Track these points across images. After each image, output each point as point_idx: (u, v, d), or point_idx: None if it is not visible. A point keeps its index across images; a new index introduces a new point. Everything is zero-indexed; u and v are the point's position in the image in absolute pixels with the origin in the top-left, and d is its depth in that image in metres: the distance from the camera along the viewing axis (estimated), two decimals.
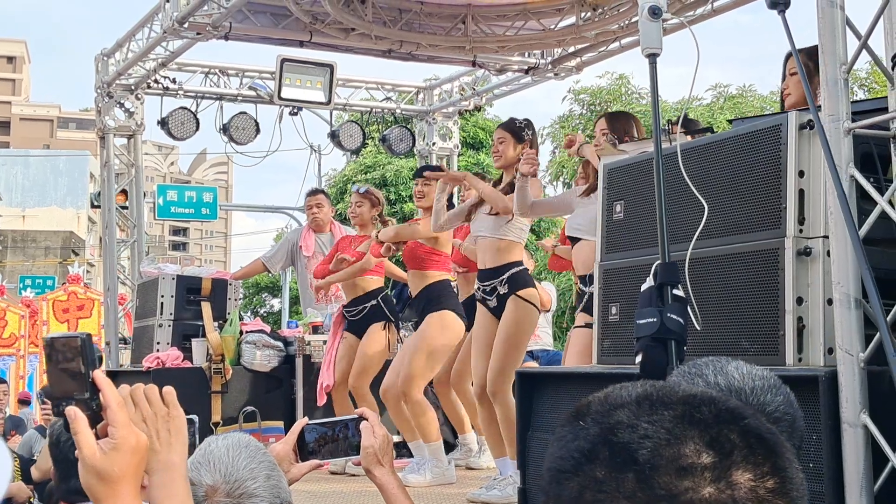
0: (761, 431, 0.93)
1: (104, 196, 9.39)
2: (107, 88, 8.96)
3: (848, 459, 2.80)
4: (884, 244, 3.07)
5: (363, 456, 2.34)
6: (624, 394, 0.96)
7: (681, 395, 0.95)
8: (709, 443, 0.89)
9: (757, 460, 0.90)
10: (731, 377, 1.79)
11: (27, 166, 44.95)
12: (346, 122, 10.07)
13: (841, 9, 2.97)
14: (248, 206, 36.67)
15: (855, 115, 3.03)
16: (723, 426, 0.91)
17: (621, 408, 0.94)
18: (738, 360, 1.85)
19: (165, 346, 7.45)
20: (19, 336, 15.63)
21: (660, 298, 2.62)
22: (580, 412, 0.97)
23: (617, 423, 0.92)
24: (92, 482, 1.43)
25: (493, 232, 5.41)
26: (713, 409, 0.93)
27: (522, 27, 7.80)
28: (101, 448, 1.43)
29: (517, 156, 5.44)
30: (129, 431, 1.45)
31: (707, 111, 21.89)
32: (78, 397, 1.48)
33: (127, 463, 1.43)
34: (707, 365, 1.84)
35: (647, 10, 2.85)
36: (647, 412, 0.92)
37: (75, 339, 1.51)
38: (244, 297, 30.55)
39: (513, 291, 5.32)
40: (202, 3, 7.09)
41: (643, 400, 0.94)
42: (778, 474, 0.91)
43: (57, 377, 1.50)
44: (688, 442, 0.89)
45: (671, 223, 3.30)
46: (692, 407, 0.93)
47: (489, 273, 5.41)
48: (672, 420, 0.91)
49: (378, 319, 6.58)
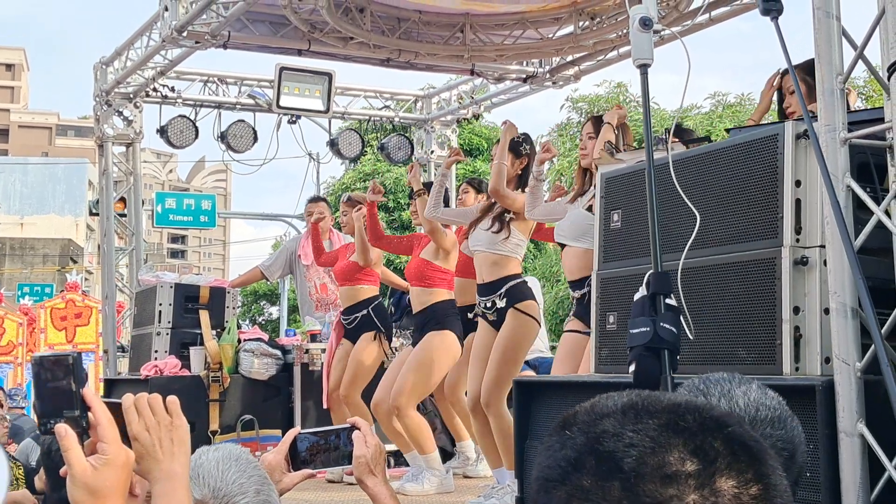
0: (745, 439, 0.94)
1: (102, 204, 9.38)
2: (105, 97, 8.97)
3: (845, 469, 2.80)
4: (880, 254, 3.07)
5: (355, 465, 2.34)
6: (610, 403, 0.97)
7: (665, 404, 0.96)
8: (693, 451, 0.91)
9: (740, 467, 0.91)
10: (734, 403, 1.76)
11: (25, 174, 44.93)
12: (345, 129, 10.08)
13: (837, 19, 2.99)
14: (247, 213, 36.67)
15: (852, 124, 3.03)
16: (707, 434, 0.92)
17: (607, 417, 0.95)
18: (751, 384, 1.81)
19: (163, 354, 7.45)
20: (17, 344, 15.60)
21: (653, 308, 2.63)
22: (567, 422, 0.98)
23: (603, 432, 0.93)
24: (82, 498, 1.44)
25: (489, 247, 5.43)
26: (697, 417, 0.94)
27: (520, 36, 7.81)
28: (92, 464, 1.44)
29: (516, 171, 5.47)
30: (119, 447, 1.47)
31: (706, 119, 21.89)
32: (68, 415, 1.49)
33: (117, 478, 1.46)
34: (716, 385, 1.81)
35: (639, 22, 2.87)
36: (633, 421, 0.93)
37: (66, 357, 1.52)
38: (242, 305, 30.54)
39: (511, 304, 5.32)
40: (201, 12, 7.10)
41: (629, 409, 0.95)
42: (761, 481, 0.92)
43: (47, 395, 1.51)
44: (672, 450, 0.90)
45: (668, 232, 3.31)
46: (677, 415, 0.94)
47: (487, 288, 5.42)
48: (657, 428, 0.92)
49: (368, 329, 6.60)
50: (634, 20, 2.87)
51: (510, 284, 5.37)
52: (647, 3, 2.94)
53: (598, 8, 7.42)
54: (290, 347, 7.50)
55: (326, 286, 7.99)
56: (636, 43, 2.90)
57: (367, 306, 6.65)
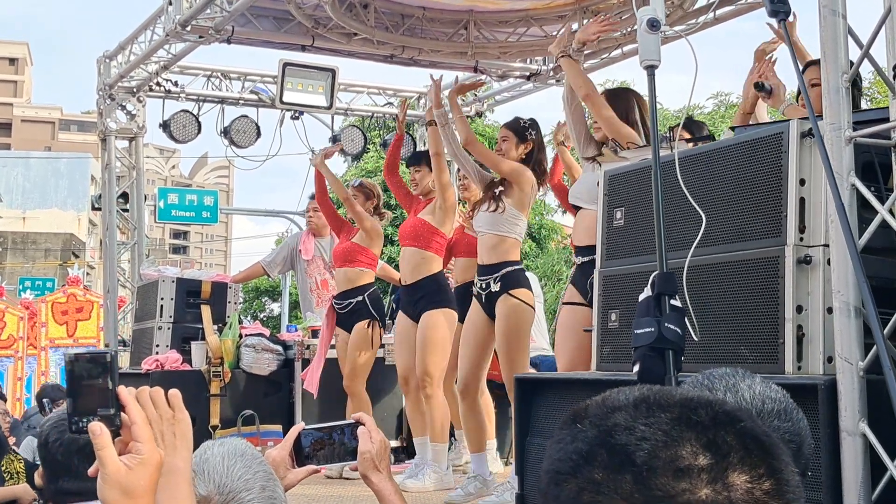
0: (758, 434, 0.94)
1: (105, 198, 9.39)
2: (109, 91, 8.97)
3: (846, 468, 2.80)
4: (884, 253, 3.07)
5: (360, 461, 2.33)
6: (621, 397, 0.97)
7: (678, 398, 0.95)
8: (706, 445, 0.90)
9: (753, 462, 0.91)
10: (740, 396, 1.76)
11: (28, 168, 44.95)
12: (347, 126, 10.08)
13: (843, 18, 2.98)
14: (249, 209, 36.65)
15: (856, 124, 3.03)
16: (719, 428, 0.92)
17: (619, 410, 0.95)
18: (755, 378, 1.82)
19: (165, 348, 7.44)
20: (18, 338, 15.60)
21: (657, 308, 2.63)
22: (578, 415, 0.97)
23: (614, 425, 0.93)
24: (116, 497, 1.43)
25: (490, 228, 5.46)
26: (710, 411, 0.94)
27: (524, 33, 7.81)
28: (126, 464, 1.44)
29: (519, 156, 5.48)
30: (154, 448, 1.47)
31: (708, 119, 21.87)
32: (102, 413, 1.47)
33: (150, 478, 1.45)
34: (720, 379, 1.81)
35: (646, 23, 2.86)
36: (645, 414, 0.93)
37: (104, 355, 1.51)
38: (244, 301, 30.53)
39: (505, 290, 5.37)
40: (205, 7, 7.10)
41: (640, 403, 0.95)
42: (774, 476, 0.91)
43: (81, 393, 1.50)
44: (685, 444, 0.90)
45: (672, 231, 3.31)
46: (689, 409, 0.94)
47: (486, 269, 5.48)
48: (669, 422, 0.92)
49: (363, 317, 6.58)
50: (642, 21, 2.87)
51: (507, 270, 5.41)
52: (655, 4, 2.93)
53: (603, 6, 7.41)
54: (291, 343, 7.50)
55: (327, 282, 7.98)
56: (643, 44, 2.90)
57: (362, 293, 6.63)
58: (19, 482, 5.81)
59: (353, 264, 6.67)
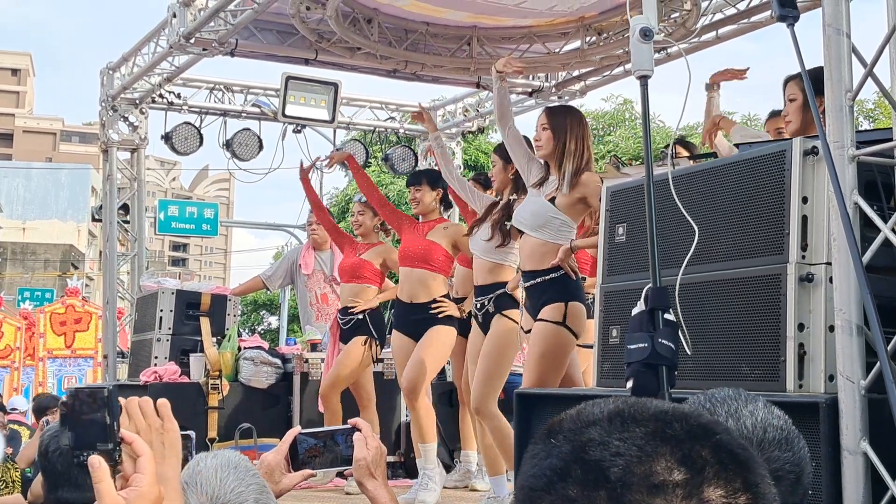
0: (733, 447, 0.93)
1: (106, 209, 9.38)
2: (111, 102, 8.98)
3: (847, 487, 2.78)
4: (886, 272, 3.07)
5: (355, 468, 2.32)
6: (596, 410, 0.96)
7: (652, 412, 0.94)
8: (680, 459, 0.89)
9: (729, 476, 0.90)
10: (742, 423, 1.73)
11: (29, 179, 44.99)
12: (349, 140, 10.08)
13: (847, 36, 2.99)
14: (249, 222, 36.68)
15: (859, 144, 3.03)
16: (694, 442, 0.91)
17: (593, 425, 0.93)
18: (757, 402, 1.79)
19: (163, 360, 7.43)
20: (15, 348, 15.58)
21: (651, 323, 2.62)
22: (553, 429, 0.96)
23: (589, 440, 0.91)
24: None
25: (484, 254, 5.56)
26: (684, 425, 0.93)
27: (527, 50, 7.82)
28: (124, 497, 1.44)
29: (508, 178, 5.54)
30: (154, 481, 1.47)
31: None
32: (101, 448, 1.48)
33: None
34: (723, 403, 1.78)
35: (639, 32, 2.85)
36: (619, 429, 0.92)
37: (101, 389, 1.52)
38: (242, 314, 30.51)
39: (498, 310, 5.43)
40: (209, 20, 7.12)
41: (615, 416, 0.94)
42: (750, 490, 0.90)
43: (81, 427, 1.51)
44: (659, 459, 0.89)
45: (672, 247, 3.31)
46: (663, 423, 0.92)
47: (481, 290, 5.56)
48: (643, 437, 0.91)
49: (361, 333, 6.57)
50: (635, 30, 2.86)
51: (500, 291, 5.46)
52: (648, 13, 2.92)
53: (606, 24, 7.43)
54: (290, 356, 7.49)
55: (327, 296, 7.98)
56: (636, 53, 2.89)
57: (364, 310, 6.62)
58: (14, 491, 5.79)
59: (359, 280, 6.66)
